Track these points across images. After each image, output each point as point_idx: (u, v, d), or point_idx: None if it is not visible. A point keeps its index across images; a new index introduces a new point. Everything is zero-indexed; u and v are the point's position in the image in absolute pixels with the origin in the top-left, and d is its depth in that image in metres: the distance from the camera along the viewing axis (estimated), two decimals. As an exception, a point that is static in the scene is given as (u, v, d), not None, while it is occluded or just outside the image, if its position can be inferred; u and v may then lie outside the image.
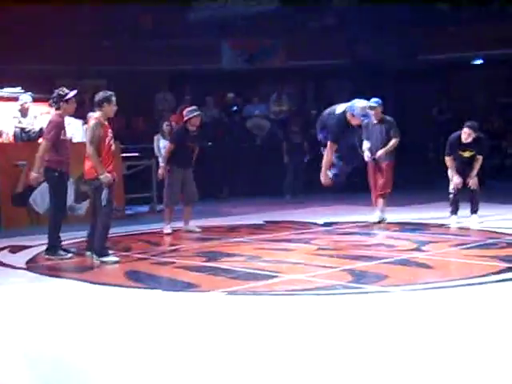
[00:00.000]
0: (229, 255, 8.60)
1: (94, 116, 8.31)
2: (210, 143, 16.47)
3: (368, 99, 10.70)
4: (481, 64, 20.13)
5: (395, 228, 10.77)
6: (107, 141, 8.21)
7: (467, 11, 20.00)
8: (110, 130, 8.31)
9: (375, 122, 11.02)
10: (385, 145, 11.06)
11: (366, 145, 11.20)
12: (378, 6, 19.78)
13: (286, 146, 16.17)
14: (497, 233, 9.82)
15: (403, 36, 19.43)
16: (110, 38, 19.89)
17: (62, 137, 8.66)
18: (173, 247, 9.58)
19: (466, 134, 10.40)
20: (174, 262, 8.25)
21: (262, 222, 11.79)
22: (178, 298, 6.51)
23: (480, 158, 10.57)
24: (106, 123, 8.31)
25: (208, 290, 6.71)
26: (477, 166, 10.55)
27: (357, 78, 19.58)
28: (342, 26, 20.46)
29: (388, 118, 11.26)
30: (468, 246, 8.90)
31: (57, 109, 8.69)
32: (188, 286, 6.93)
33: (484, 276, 6.99)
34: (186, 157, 10.61)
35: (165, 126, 13.64)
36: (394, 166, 11.23)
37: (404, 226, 10.82)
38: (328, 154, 9.32)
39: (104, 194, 8.14)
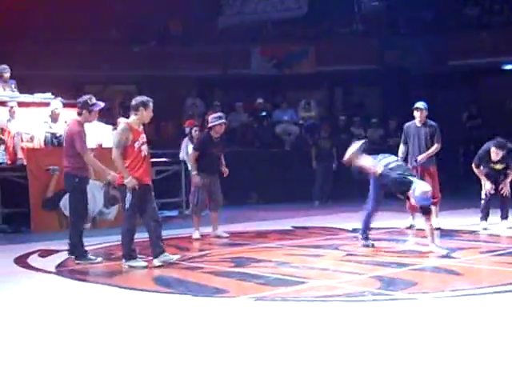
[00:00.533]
0: (257, 261, 8.60)
1: (125, 120, 8.28)
2: (240, 149, 16.59)
3: (399, 104, 10.77)
4: (511, 69, 19.97)
5: (425, 234, 10.66)
6: (136, 146, 8.13)
7: (496, 16, 19.89)
8: (142, 135, 8.24)
9: (419, 125, 10.95)
10: (427, 149, 10.93)
11: (401, 149, 11.09)
12: (407, 11, 19.75)
13: (315, 151, 16.17)
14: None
15: (432, 41, 19.35)
16: (139, 44, 20.04)
17: None
18: (201, 252, 9.59)
19: (495, 154, 10.42)
20: (202, 268, 8.27)
21: (290, 228, 11.79)
22: (207, 303, 6.51)
23: None
24: (140, 128, 8.27)
25: (237, 295, 6.71)
26: (510, 175, 10.52)
27: (386, 84, 19.54)
28: (371, 32, 20.44)
29: (432, 122, 11.13)
30: (498, 252, 8.82)
31: (78, 114, 8.71)
32: (217, 292, 6.93)
33: (514, 283, 6.93)
34: (212, 163, 10.58)
35: (193, 132, 13.71)
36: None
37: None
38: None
39: (127, 198, 8.12)
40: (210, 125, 10.62)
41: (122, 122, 8.32)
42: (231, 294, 6.84)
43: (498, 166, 10.56)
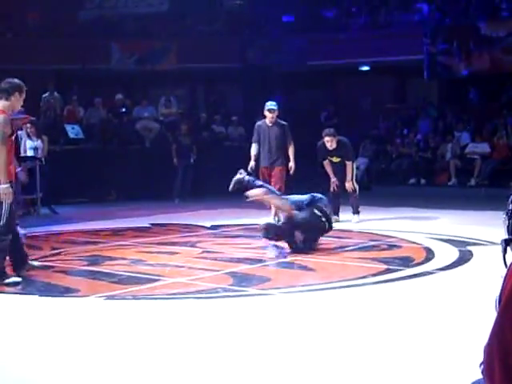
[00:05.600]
0: (111, 259, 8.45)
1: None
2: (99, 145, 16.37)
3: (260, 103, 11.08)
4: (367, 70, 20.61)
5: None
6: (12, 140, 7.00)
7: (354, 18, 20.49)
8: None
9: (270, 125, 11.09)
10: (280, 148, 11.09)
11: (254, 148, 11.22)
12: (269, 10, 20.02)
13: (175, 148, 16.07)
14: (378, 235, 10.03)
15: (292, 41, 19.70)
16: (-6, 36, 19.33)
17: None
18: (55, 251, 9.30)
19: (329, 142, 10.92)
20: (53, 267, 8.03)
21: (148, 225, 11.65)
22: (55, 303, 6.33)
23: (349, 163, 11.15)
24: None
25: (87, 294, 6.57)
26: (349, 170, 11.06)
27: (247, 82, 19.72)
28: (233, 30, 20.58)
29: (282, 121, 11.28)
30: (349, 248, 9.03)
31: None
32: (66, 291, 6.76)
33: (363, 278, 7.12)
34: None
35: (28, 129, 13.29)
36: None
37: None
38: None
39: (4, 210, 6.78)
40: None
41: None
42: (81, 293, 6.69)
43: (335, 159, 11.07)
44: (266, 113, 11.16)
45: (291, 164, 11.04)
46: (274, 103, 11.21)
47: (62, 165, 13.74)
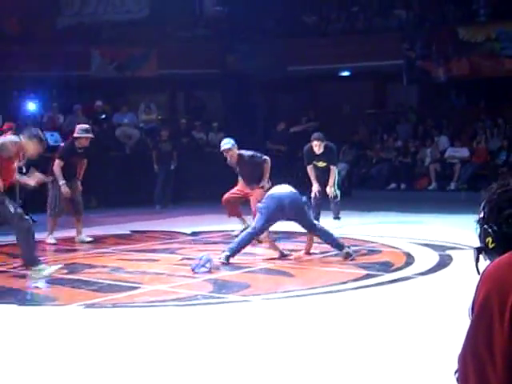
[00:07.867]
0: (91, 267, 8.41)
1: None
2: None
3: (240, 109, 10.86)
4: (348, 76, 20.66)
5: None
6: None
7: (333, 24, 20.55)
8: None
9: (235, 164, 10.71)
10: (259, 177, 10.61)
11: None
12: (248, 16, 20.03)
13: (156, 155, 16.02)
14: (359, 240, 10.05)
15: (272, 47, 19.71)
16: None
17: None
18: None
19: (317, 146, 10.90)
20: (33, 275, 7.97)
21: (128, 232, 11.60)
22: (34, 312, 6.29)
23: (333, 168, 11.14)
24: None
25: (66, 303, 6.53)
26: (332, 175, 11.04)
27: (227, 88, 19.72)
28: (213, 36, 20.57)
29: (245, 152, 10.70)
30: (330, 253, 9.03)
31: None
32: (45, 300, 6.73)
33: (343, 283, 7.13)
34: (71, 171, 10.46)
35: None
36: None
37: (269, 235, 10.84)
38: None
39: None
40: (75, 135, 10.51)
41: None
42: (60, 301, 6.65)
43: (321, 164, 11.05)
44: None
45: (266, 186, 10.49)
46: (228, 140, 10.71)
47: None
